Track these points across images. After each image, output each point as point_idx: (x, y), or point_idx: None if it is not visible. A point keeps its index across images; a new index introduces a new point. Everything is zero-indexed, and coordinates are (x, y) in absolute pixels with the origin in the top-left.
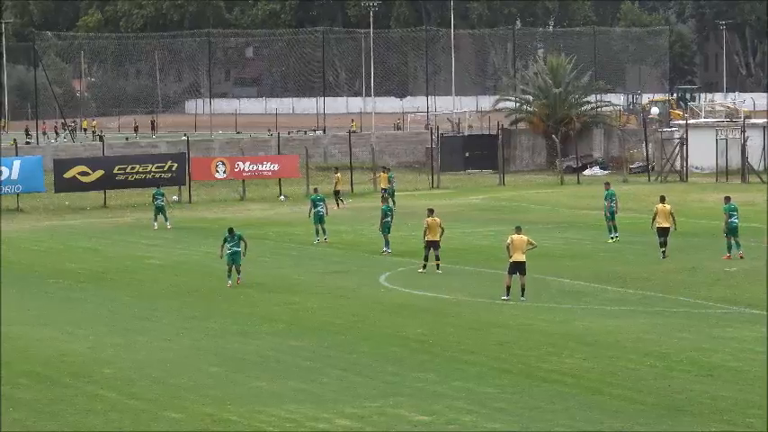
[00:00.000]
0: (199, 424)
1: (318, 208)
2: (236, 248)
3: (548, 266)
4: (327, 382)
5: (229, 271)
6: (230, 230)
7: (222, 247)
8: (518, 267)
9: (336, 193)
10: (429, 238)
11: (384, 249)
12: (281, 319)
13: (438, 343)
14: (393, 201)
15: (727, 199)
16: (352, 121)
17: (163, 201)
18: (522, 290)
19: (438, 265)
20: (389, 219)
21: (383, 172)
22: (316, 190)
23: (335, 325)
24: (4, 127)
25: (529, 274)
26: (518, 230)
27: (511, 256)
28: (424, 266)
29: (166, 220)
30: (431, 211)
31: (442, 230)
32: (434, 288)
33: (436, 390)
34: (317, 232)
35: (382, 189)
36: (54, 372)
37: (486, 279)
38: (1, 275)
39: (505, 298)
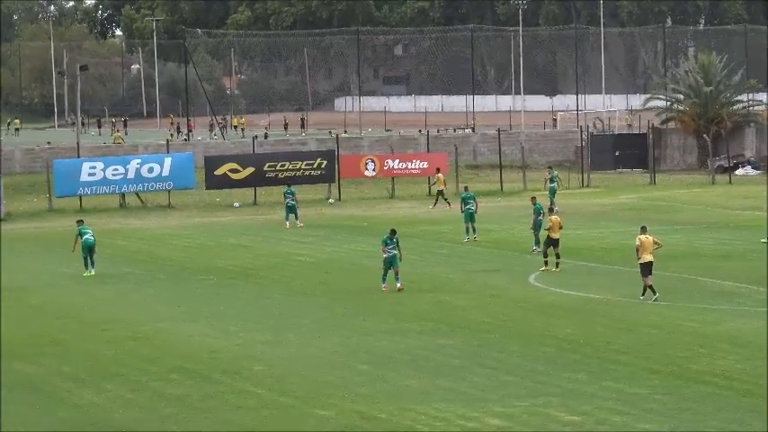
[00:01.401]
0: (348, 421)
1: (469, 206)
2: (393, 251)
3: (699, 267)
4: (476, 380)
5: (385, 274)
6: (392, 232)
7: (384, 248)
8: (649, 268)
9: (440, 192)
10: (551, 235)
11: (534, 248)
12: (431, 318)
13: (588, 343)
14: (552, 201)
15: None
16: (474, 119)
17: (293, 200)
18: (645, 289)
19: (558, 263)
20: (542, 218)
21: (548, 171)
22: (466, 188)
23: (485, 324)
24: (173, 123)
25: (680, 275)
26: (643, 231)
27: (640, 258)
28: (546, 263)
29: (297, 218)
30: (551, 210)
31: (561, 228)
32: (584, 288)
33: (586, 390)
34: (467, 230)
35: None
36: (204, 368)
37: (636, 279)
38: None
39: (643, 298)
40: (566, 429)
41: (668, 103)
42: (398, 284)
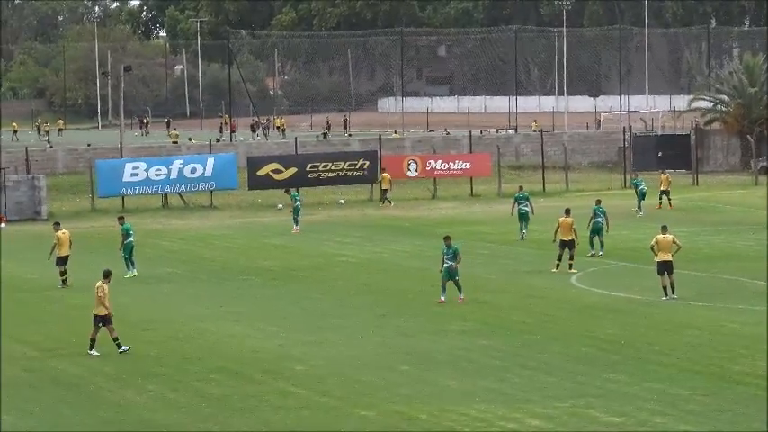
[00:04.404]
0: (389, 422)
1: (522, 206)
2: (450, 262)
3: (741, 268)
4: (518, 381)
5: (443, 284)
6: (445, 239)
7: (442, 259)
8: (665, 267)
9: (383, 191)
10: (562, 237)
11: (592, 252)
12: (472, 318)
13: (629, 344)
14: (640, 204)
15: None
16: (534, 121)
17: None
18: (672, 288)
19: (571, 265)
20: (600, 220)
21: (662, 173)
22: (521, 188)
23: (526, 324)
24: (226, 123)
25: (722, 276)
26: (664, 230)
27: (656, 256)
28: (557, 266)
29: (296, 223)
30: (567, 212)
31: (575, 231)
32: (625, 288)
33: (627, 391)
34: (522, 229)
35: (660, 191)
36: (246, 368)
37: (677, 280)
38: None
39: (665, 298)
40: (607, 430)
41: (712, 103)
42: (461, 296)
